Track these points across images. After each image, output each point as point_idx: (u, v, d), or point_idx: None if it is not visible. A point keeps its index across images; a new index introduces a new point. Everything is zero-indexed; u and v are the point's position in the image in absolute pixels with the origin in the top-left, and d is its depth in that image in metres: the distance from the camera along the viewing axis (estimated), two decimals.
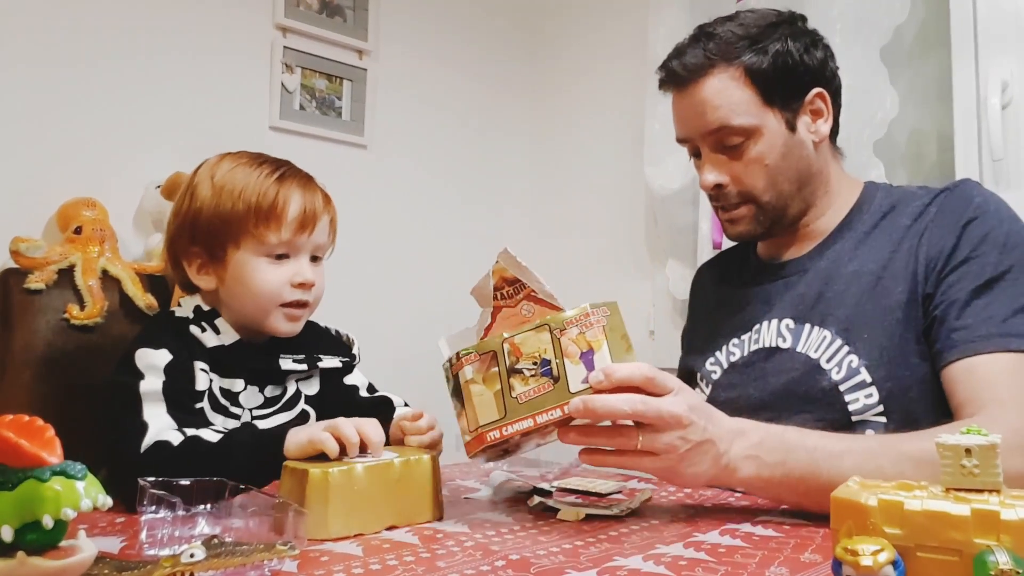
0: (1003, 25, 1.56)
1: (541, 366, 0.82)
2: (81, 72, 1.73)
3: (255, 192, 1.09)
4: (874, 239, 1.11)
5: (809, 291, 1.12)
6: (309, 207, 1.12)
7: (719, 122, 1.10)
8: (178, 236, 1.13)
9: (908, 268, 1.04)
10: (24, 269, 1.45)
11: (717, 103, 1.10)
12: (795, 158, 1.12)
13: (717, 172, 1.13)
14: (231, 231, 1.09)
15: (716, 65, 1.10)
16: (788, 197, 1.13)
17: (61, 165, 1.69)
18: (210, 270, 1.12)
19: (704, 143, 1.13)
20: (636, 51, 2.22)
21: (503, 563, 0.70)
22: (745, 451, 0.86)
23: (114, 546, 0.74)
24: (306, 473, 0.79)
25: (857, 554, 0.49)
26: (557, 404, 0.81)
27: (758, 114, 1.10)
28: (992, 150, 1.52)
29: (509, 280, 0.87)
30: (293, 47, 2.06)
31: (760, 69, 1.09)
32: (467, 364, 0.84)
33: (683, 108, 1.15)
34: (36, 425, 0.52)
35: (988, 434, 0.54)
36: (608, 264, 2.38)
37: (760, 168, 1.11)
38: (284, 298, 1.11)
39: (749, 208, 1.13)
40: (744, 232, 1.16)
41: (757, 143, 1.10)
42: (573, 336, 0.82)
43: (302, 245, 1.12)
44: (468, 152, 2.47)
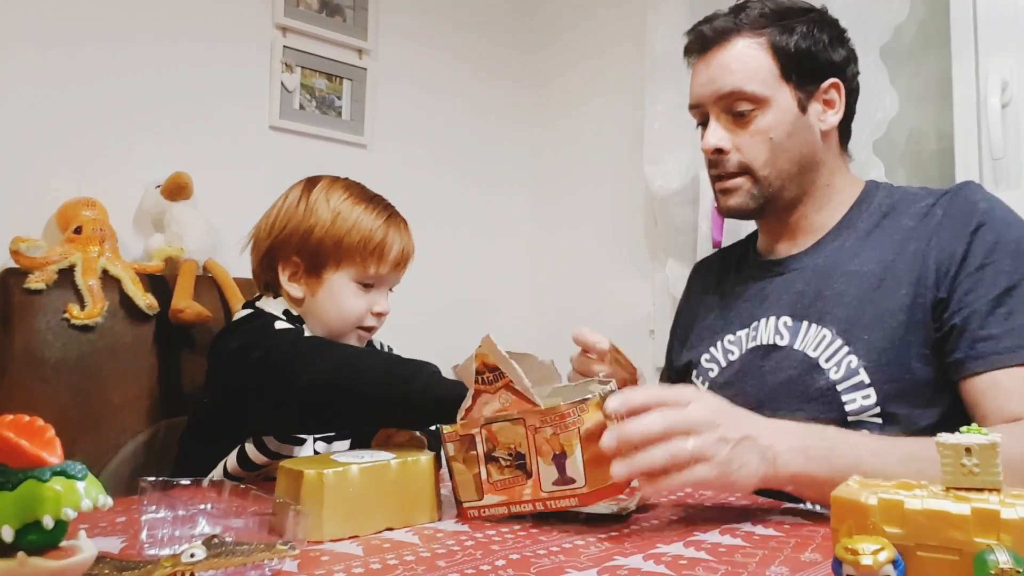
0: (1003, 24, 1.56)
1: (516, 459, 0.83)
2: (81, 72, 1.73)
3: (368, 227, 1.22)
4: (875, 239, 1.10)
5: (808, 288, 1.12)
6: (406, 250, 1.28)
7: (732, 86, 1.10)
8: (284, 243, 1.22)
9: (913, 271, 1.04)
10: (24, 269, 1.46)
11: (735, 67, 1.11)
12: (800, 140, 1.12)
13: (721, 135, 1.13)
14: (339, 255, 1.21)
15: (743, 32, 1.12)
16: (786, 177, 1.13)
17: (61, 165, 1.69)
18: (303, 281, 1.23)
19: (715, 107, 1.13)
20: (636, 50, 2.22)
21: (503, 562, 0.70)
22: (790, 445, 0.85)
23: (114, 546, 0.74)
24: (301, 474, 0.79)
25: (857, 553, 0.49)
26: (530, 499, 0.82)
27: (773, 85, 1.10)
28: (992, 149, 1.52)
29: (490, 367, 0.85)
30: (293, 46, 2.06)
31: (784, 45, 1.11)
32: (448, 441, 0.86)
33: (702, 71, 1.15)
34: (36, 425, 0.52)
35: (988, 433, 0.54)
36: (608, 264, 2.38)
37: (764, 140, 1.11)
38: (363, 323, 1.25)
39: (746, 180, 1.13)
40: (736, 206, 1.15)
41: (766, 114, 1.10)
42: (547, 436, 0.81)
43: (389, 280, 1.28)
44: (468, 152, 2.47)
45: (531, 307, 2.55)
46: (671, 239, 2.15)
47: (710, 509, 0.93)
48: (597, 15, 2.46)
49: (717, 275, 1.33)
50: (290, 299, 1.23)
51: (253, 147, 1.98)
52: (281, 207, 1.24)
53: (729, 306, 1.23)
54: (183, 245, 1.70)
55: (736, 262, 1.31)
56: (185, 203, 1.76)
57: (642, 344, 2.20)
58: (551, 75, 2.59)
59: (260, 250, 1.25)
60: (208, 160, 1.87)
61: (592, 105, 2.46)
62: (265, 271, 1.25)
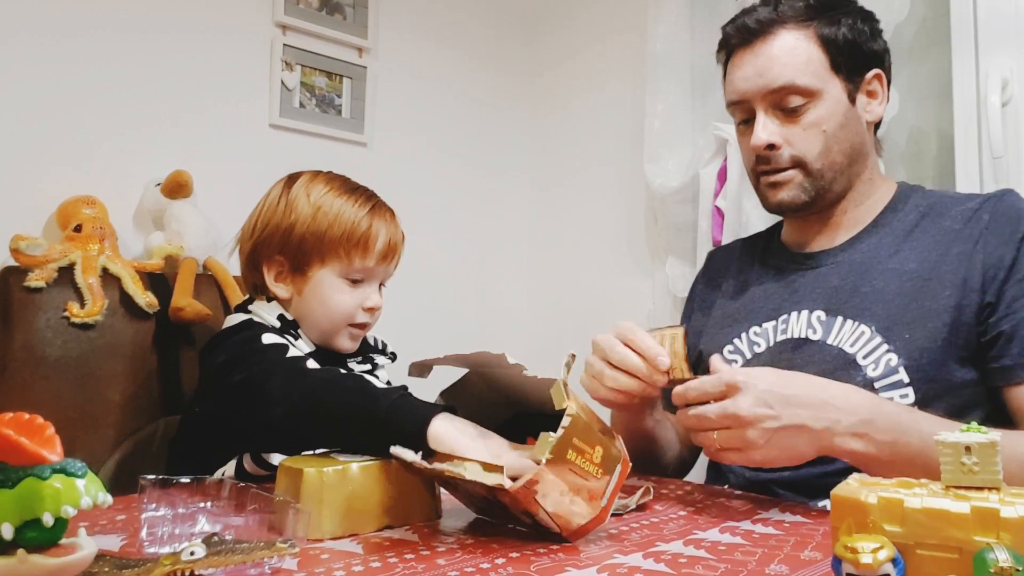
0: (1003, 23, 1.56)
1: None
2: (81, 70, 1.73)
3: (350, 220, 1.18)
4: (915, 239, 1.09)
5: (844, 284, 1.11)
6: (393, 240, 1.23)
7: (785, 79, 1.08)
8: (266, 243, 1.20)
9: (958, 274, 1.03)
10: (24, 267, 1.46)
11: (786, 60, 1.09)
12: (851, 131, 1.11)
13: (772, 130, 1.10)
14: (322, 250, 1.18)
15: (788, 23, 1.10)
16: (838, 170, 1.11)
17: (61, 163, 1.69)
18: (289, 280, 1.20)
19: (763, 102, 1.11)
20: (636, 49, 2.22)
21: (503, 560, 0.70)
22: (853, 428, 0.86)
23: (114, 544, 0.74)
24: (301, 472, 0.79)
25: (857, 552, 0.50)
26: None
27: (824, 77, 1.09)
28: (992, 148, 1.52)
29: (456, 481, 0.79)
30: (293, 45, 2.06)
31: (832, 37, 1.09)
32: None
33: (746, 65, 1.12)
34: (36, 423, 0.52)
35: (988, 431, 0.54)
36: (608, 262, 2.38)
37: (818, 133, 1.09)
38: (354, 319, 1.21)
39: (798, 173, 1.11)
40: (788, 199, 1.13)
41: (818, 107, 1.09)
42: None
43: (378, 273, 1.23)
44: (468, 150, 2.47)
45: (530, 304, 2.55)
46: (671, 237, 2.15)
47: (710, 507, 0.93)
48: (597, 14, 2.46)
49: (738, 263, 1.31)
50: (283, 304, 1.20)
51: (253, 145, 1.98)
52: (262, 206, 1.22)
53: (753, 297, 1.21)
54: (183, 243, 1.69)
55: (760, 252, 1.28)
56: (185, 201, 1.76)
57: None
58: (551, 74, 2.59)
59: (245, 252, 1.22)
60: (208, 158, 1.87)
61: (592, 104, 2.46)
62: (252, 273, 1.22)
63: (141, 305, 1.51)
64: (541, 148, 2.60)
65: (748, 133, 1.14)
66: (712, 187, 2.00)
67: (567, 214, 2.52)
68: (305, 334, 1.20)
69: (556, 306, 2.50)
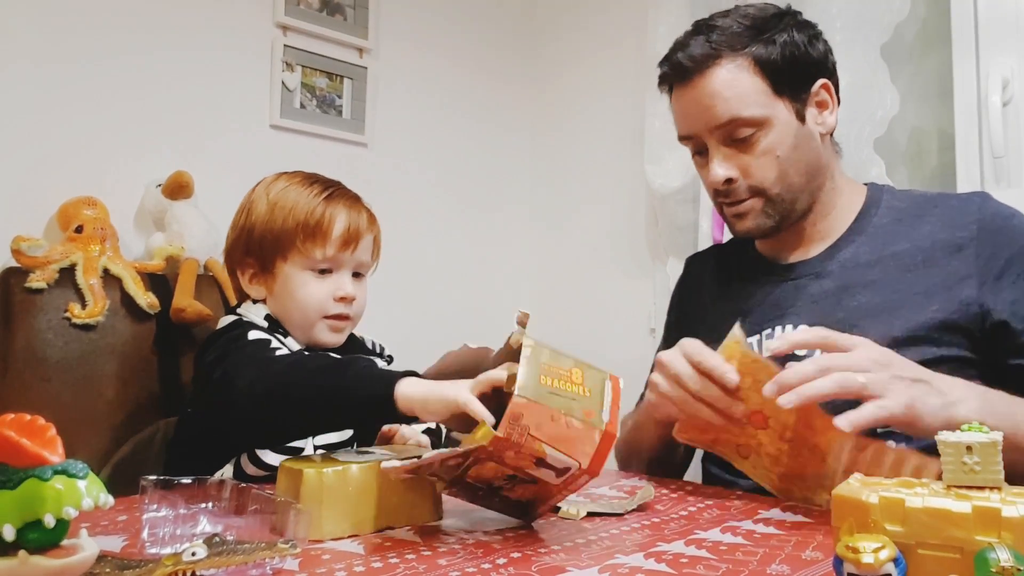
0: (1004, 22, 1.56)
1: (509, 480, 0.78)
2: (82, 71, 1.73)
3: (304, 210, 1.16)
4: (896, 246, 1.08)
5: (824, 297, 1.10)
6: (353, 226, 1.19)
7: (730, 114, 1.07)
8: (234, 248, 1.22)
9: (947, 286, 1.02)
10: (25, 268, 1.46)
11: (727, 94, 1.07)
12: (805, 150, 1.10)
13: (727, 166, 1.09)
14: (281, 245, 1.17)
15: (723, 55, 1.07)
16: (798, 190, 1.11)
17: (62, 164, 1.69)
18: (261, 281, 1.20)
19: (712, 137, 1.10)
20: (636, 49, 2.22)
21: (504, 561, 0.70)
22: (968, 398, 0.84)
23: (116, 545, 0.74)
24: (301, 473, 0.79)
25: (858, 551, 0.50)
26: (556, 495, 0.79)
27: (769, 104, 1.07)
28: (993, 147, 1.52)
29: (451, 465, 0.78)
30: (294, 45, 2.06)
31: (769, 59, 1.07)
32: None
33: (688, 102, 1.11)
34: (37, 424, 0.52)
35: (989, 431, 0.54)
36: (608, 262, 2.38)
37: (771, 160, 1.08)
38: (327, 311, 1.19)
39: (758, 201, 1.10)
40: (753, 227, 1.12)
41: (768, 134, 1.07)
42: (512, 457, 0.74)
43: (345, 261, 1.20)
44: (468, 151, 2.47)
45: (531, 305, 2.55)
46: (672, 237, 2.15)
47: (711, 507, 0.93)
48: (598, 15, 2.46)
49: (714, 273, 1.31)
50: (269, 305, 1.21)
51: (254, 146, 1.98)
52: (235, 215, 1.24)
53: (733, 308, 1.20)
54: (184, 244, 1.70)
55: (736, 260, 1.28)
56: (186, 202, 1.76)
57: (642, 343, 2.19)
58: (552, 73, 2.59)
59: (224, 260, 1.25)
60: (209, 159, 1.87)
61: (593, 103, 2.46)
62: (233, 279, 1.25)
63: (142, 306, 1.51)
64: (542, 148, 2.60)
65: (704, 165, 1.13)
66: None
67: (568, 214, 2.52)
68: (290, 334, 1.20)
69: (557, 306, 2.50)
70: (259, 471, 1.09)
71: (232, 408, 0.98)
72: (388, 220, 2.23)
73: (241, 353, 1.04)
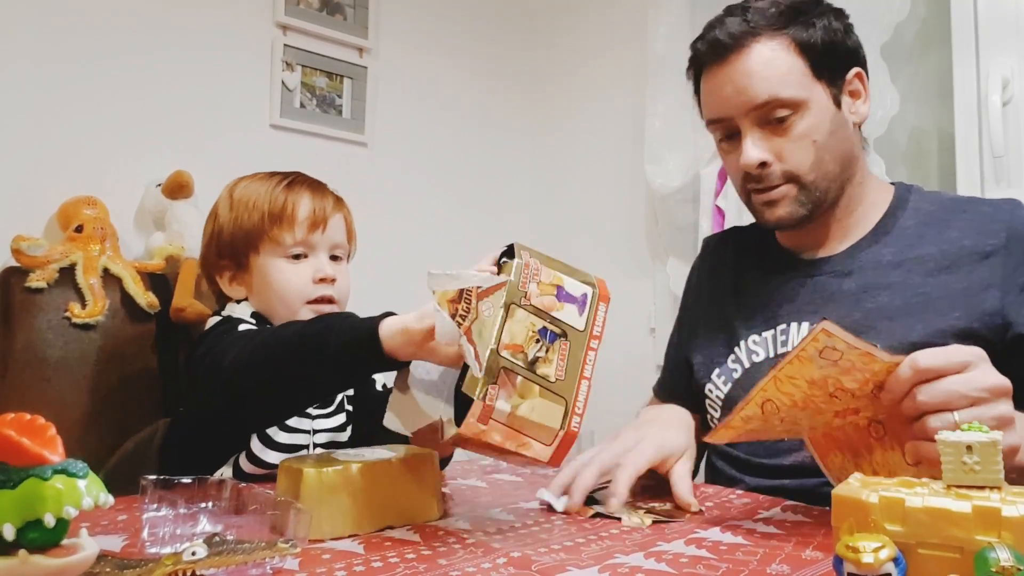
0: (1004, 22, 1.56)
1: (545, 337, 0.77)
2: (82, 71, 1.73)
3: (267, 199, 1.17)
4: (921, 250, 1.05)
5: (844, 296, 1.07)
6: (319, 206, 1.19)
7: (769, 93, 1.03)
8: (207, 254, 1.22)
9: (971, 294, 0.99)
10: (25, 268, 1.46)
11: (766, 73, 1.03)
12: (840, 137, 1.07)
13: (762, 148, 1.05)
14: (250, 239, 1.17)
15: (762, 33, 1.04)
16: (831, 179, 1.07)
17: (62, 163, 1.69)
18: (239, 280, 1.20)
19: (747, 119, 1.05)
20: (636, 50, 2.22)
21: (504, 560, 0.70)
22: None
23: (116, 544, 0.74)
24: (301, 472, 0.79)
25: (858, 551, 0.49)
26: (586, 347, 0.79)
27: (808, 86, 1.04)
28: (993, 147, 1.52)
29: (455, 298, 0.80)
30: (293, 45, 2.06)
31: (809, 41, 1.04)
32: (495, 400, 0.74)
33: (724, 81, 1.06)
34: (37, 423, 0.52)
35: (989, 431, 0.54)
36: (609, 262, 2.37)
37: (808, 145, 1.04)
38: (308, 295, 1.17)
39: (792, 188, 1.06)
40: (785, 216, 1.08)
41: (805, 118, 1.04)
42: (536, 293, 0.78)
43: (317, 243, 1.19)
44: (468, 150, 2.47)
45: None
46: (672, 237, 2.15)
47: (711, 507, 0.93)
48: (598, 15, 2.46)
49: (734, 256, 1.26)
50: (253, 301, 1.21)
51: (254, 145, 1.98)
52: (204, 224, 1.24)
53: (750, 303, 1.17)
54: (184, 244, 1.70)
55: (755, 249, 1.23)
56: (186, 201, 1.76)
57: (642, 342, 2.20)
58: (552, 73, 2.59)
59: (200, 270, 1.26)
60: (209, 158, 1.87)
61: (593, 103, 2.46)
62: (211, 286, 1.25)
63: (142, 305, 1.51)
64: (542, 147, 2.60)
65: (733, 151, 1.09)
66: (713, 187, 2.00)
67: (568, 213, 2.52)
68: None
69: None
70: (258, 469, 1.09)
71: (221, 385, 0.97)
72: (387, 219, 2.25)
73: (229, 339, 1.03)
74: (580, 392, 0.78)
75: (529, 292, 0.78)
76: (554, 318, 0.78)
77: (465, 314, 0.79)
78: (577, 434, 0.76)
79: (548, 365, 0.77)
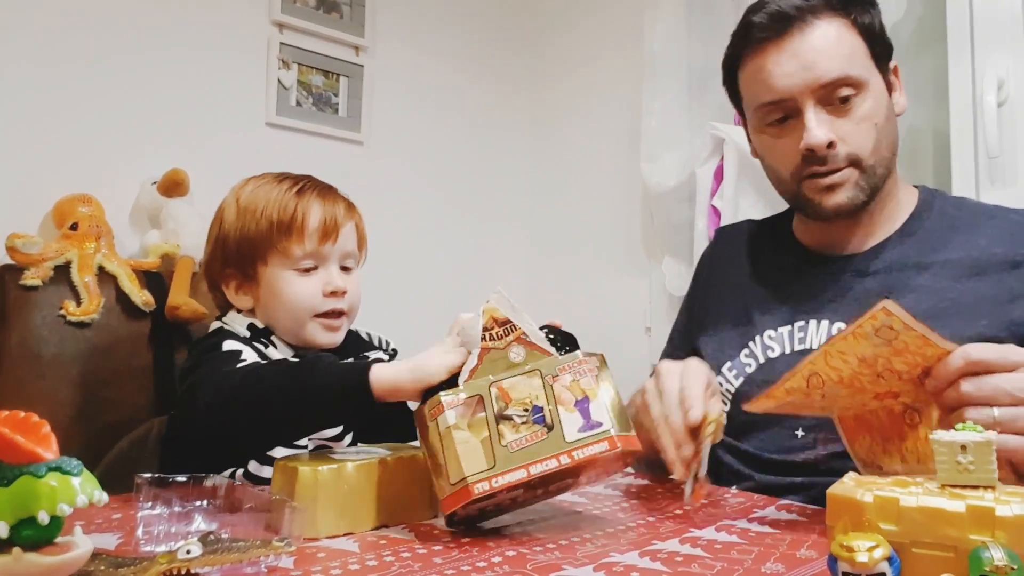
0: (999, 22, 1.56)
1: (533, 413, 0.76)
2: (77, 69, 1.73)
3: (275, 208, 1.11)
4: (948, 254, 1.03)
5: (868, 298, 1.02)
6: (330, 216, 1.13)
7: (838, 71, 1.00)
8: (212, 261, 1.17)
9: (999, 304, 0.97)
10: (20, 265, 1.45)
11: (834, 51, 1.01)
12: (893, 124, 1.06)
13: (828, 128, 1.01)
14: (258, 249, 1.12)
15: (826, 12, 1.02)
16: (886, 166, 1.06)
17: (57, 161, 1.69)
18: (246, 289, 1.15)
19: (811, 97, 1.02)
20: (633, 48, 2.22)
21: (499, 559, 0.70)
22: None
23: (110, 542, 0.74)
24: (296, 471, 0.79)
25: (853, 550, 0.50)
26: (553, 454, 0.75)
27: (870, 68, 1.03)
28: (988, 148, 1.52)
29: (500, 321, 0.81)
30: (290, 43, 2.06)
31: (869, 25, 1.04)
32: (449, 408, 0.76)
33: (788, 58, 1.02)
34: (32, 421, 0.52)
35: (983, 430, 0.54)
36: (605, 261, 2.38)
37: (870, 127, 1.03)
38: (318, 308, 1.12)
39: (854, 172, 1.03)
40: (846, 201, 1.04)
41: (867, 100, 1.02)
42: (567, 383, 0.77)
43: (328, 254, 1.14)
44: (465, 149, 2.47)
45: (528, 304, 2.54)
46: (668, 236, 2.15)
47: (706, 506, 0.93)
48: (595, 13, 2.46)
49: (748, 251, 1.24)
50: (254, 311, 1.17)
51: (250, 144, 1.97)
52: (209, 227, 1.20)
53: (768, 298, 1.14)
54: (179, 242, 1.69)
55: (773, 243, 1.21)
56: (181, 200, 1.75)
57: (638, 342, 2.20)
58: (548, 72, 2.59)
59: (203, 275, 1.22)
60: (204, 156, 1.87)
61: (589, 102, 2.46)
62: (215, 294, 1.20)
63: (137, 303, 1.51)
64: (538, 146, 2.60)
65: (786, 134, 1.05)
66: (709, 186, 2.00)
67: (564, 212, 2.52)
68: (280, 339, 1.15)
69: (553, 304, 2.50)
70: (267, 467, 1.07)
71: (195, 427, 0.97)
72: (384, 219, 2.24)
73: (208, 366, 1.00)
74: (511, 475, 0.74)
75: (560, 378, 0.78)
76: (557, 412, 0.76)
77: (496, 338, 0.81)
78: (472, 497, 0.73)
79: (513, 432, 0.75)
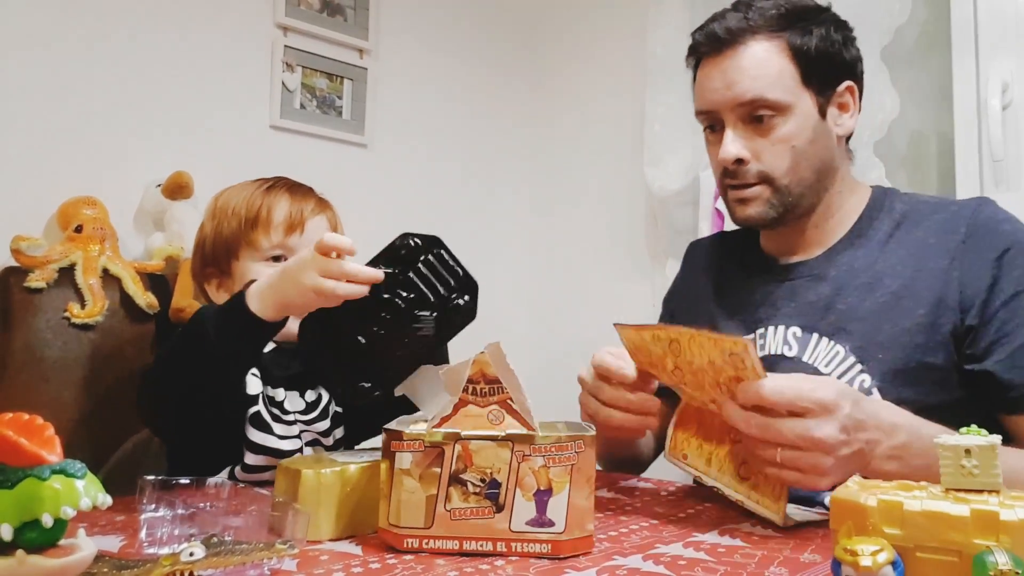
0: (1004, 26, 1.56)
1: (488, 486, 0.72)
2: (82, 71, 1.73)
3: (244, 205, 1.18)
4: (891, 251, 1.07)
5: (819, 300, 1.08)
6: (296, 210, 1.18)
7: (755, 92, 1.05)
8: (196, 263, 1.23)
9: (933, 291, 1.00)
10: (25, 268, 1.46)
11: (756, 72, 1.05)
12: (820, 146, 1.08)
13: (741, 145, 1.07)
14: (230, 246, 1.18)
15: (759, 33, 1.06)
16: (806, 185, 1.08)
17: (62, 164, 1.69)
18: (225, 286, 1.20)
19: (731, 114, 1.07)
20: (636, 53, 2.22)
21: (502, 562, 0.70)
22: (889, 451, 0.83)
23: (114, 545, 0.74)
24: (299, 473, 0.79)
25: (856, 554, 0.49)
26: (491, 537, 0.71)
27: (795, 92, 1.06)
28: (992, 151, 1.52)
29: (488, 378, 0.74)
30: (294, 46, 2.06)
31: (803, 47, 1.06)
32: (407, 450, 0.73)
33: (715, 75, 1.08)
34: (36, 423, 0.52)
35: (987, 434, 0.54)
36: (608, 265, 2.38)
37: (786, 149, 1.06)
38: None
39: (765, 188, 1.08)
40: (754, 215, 1.10)
41: (787, 122, 1.05)
42: (535, 466, 0.72)
43: (295, 246, 1.17)
44: (468, 152, 2.47)
45: (531, 308, 2.55)
46: (671, 240, 2.15)
47: (709, 509, 0.93)
48: (598, 18, 2.46)
49: (714, 262, 1.28)
50: None
51: (254, 146, 1.98)
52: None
53: (732, 306, 1.19)
54: (183, 244, 1.69)
55: (738, 253, 1.25)
56: (185, 202, 1.76)
57: None
58: (552, 76, 2.59)
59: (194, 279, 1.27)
60: (209, 159, 1.87)
61: (593, 106, 2.46)
62: (203, 295, 1.26)
63: (141, 306, 1.51)
64: (541, 150, 2.60)
65: (716, 142, 1.11)
66: (712, 190, 2.00)
67: (567, 217, 2.52)
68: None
69: (556, 309, 2.50)
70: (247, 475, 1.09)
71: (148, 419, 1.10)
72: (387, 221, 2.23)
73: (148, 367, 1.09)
74: (443, 543, 0.72)
75: (532, 459, 0.72)
76: (514, 495, 0.72)
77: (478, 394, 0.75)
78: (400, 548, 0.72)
79: (462, 499, 0.72)
